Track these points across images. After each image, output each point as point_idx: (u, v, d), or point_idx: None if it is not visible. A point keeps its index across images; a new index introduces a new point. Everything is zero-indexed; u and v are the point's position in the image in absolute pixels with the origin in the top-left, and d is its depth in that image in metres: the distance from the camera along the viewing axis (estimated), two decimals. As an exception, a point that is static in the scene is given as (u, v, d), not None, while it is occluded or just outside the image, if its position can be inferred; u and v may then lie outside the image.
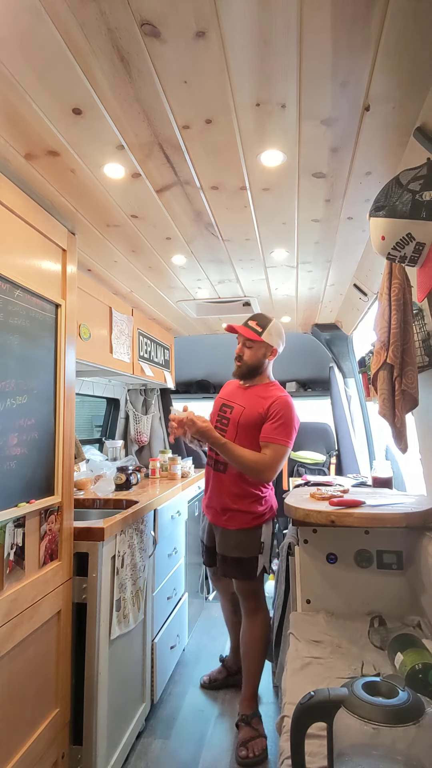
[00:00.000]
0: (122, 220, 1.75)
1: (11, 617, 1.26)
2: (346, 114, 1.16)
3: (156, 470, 3.07)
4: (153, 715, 2.06)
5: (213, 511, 2.07)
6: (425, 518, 1.56)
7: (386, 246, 1.18)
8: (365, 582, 1.69)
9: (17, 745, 1.29)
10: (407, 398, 1.34)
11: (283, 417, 1.91)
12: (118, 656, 1.74)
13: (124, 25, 0.91)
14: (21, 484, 1.34)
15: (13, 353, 1.32)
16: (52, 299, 1.53)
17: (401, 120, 1.18)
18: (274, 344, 2.00)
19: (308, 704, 0.83)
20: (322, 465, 3.78)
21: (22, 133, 1.24)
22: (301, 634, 1.51)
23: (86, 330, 2.14)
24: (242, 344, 2.03)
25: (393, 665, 1.26)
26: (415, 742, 0.75)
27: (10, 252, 1.34)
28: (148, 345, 3.11)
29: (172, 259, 2.14)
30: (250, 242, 1.97)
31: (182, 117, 1.18)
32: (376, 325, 1.44)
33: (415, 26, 0.91)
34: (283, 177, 1.45)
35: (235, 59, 0.99)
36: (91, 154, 1.34)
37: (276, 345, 2.01)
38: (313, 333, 3.62)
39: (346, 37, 0.94)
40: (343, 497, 1.79)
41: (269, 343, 1.99)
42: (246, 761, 1.76)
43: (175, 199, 1.59)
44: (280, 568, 1.98)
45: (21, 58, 0.99)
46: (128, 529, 1.86)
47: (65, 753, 1.51)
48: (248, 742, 1.82)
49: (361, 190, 1.53)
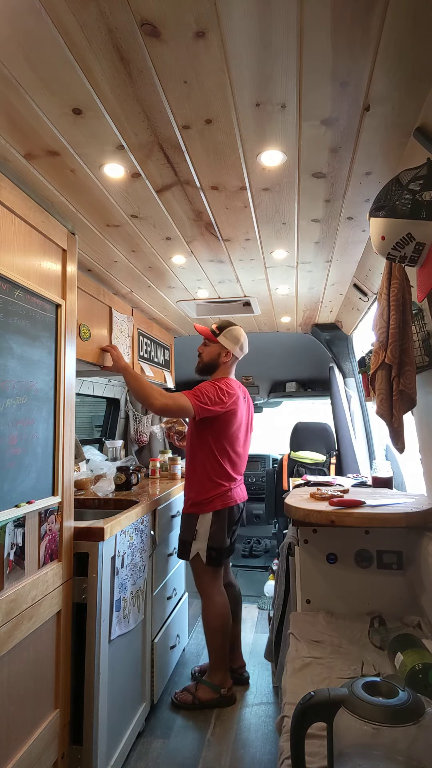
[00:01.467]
0: (122, 220, 1.75)
1: (11, 617, 1.26)
2: (346, 114, 1.16)
3: (156, 470, 3.07)
4: (153, 715, 2.06)
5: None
6: (425, 518, 1.56)
7: (386, 246, 1.18)
8: (365, 582, 1.69)
9: (17, 745, 1.29)
10: (405, 398, 1.34)
11: (199, 386, 2.16)
12: (118, 656, 1.74)
13: (124, 25, 0.91)
14: (21, 484, 1.34)
15: (13, 353, 1.32)
16: (52, 299, 1.53)
17: (401, 120, 1.18)
18: (228, 347, 2.27)
19: (308, 704, 0.83)
20: (322, 465, 3.78)
21: (22, 133, 1.24)
22: (301, 634, 1.51)
23: (86, 330, 2.14)
24: (202, 343, 2.34)
25: (393, 665, 1.26)
26: (415, 742, 0.75)
27: (10, 252, 1.34)
28: (148, 345, 3.11)
29: (172, 259, 2.15)
30: (250, 242, 1.97)
31: (182, 117, 1.18)
32: (375, 325, 1.44)
33: (415, 26, 0.91)
34: (283, 177, 1.45)
35: (235, 59, 0.99)
36: (91, 154, 1.34)
37: (230, 348, 2.28)
38: (313, 333, 3.62)
39: (346, 37, 0.94)
40: (343, 497, 1.79)
41: (223, 345, 2.27)
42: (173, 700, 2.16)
43: (175, 199, 1.59)
44: (280, 568, 1.98)
45: (21, 58, 0.99)
46: (128, 529, 1.86)
47: (65, 753, 1.51)
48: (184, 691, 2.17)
49: (361, 190, 1.53)
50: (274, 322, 3.41)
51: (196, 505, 2.18)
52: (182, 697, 2.15)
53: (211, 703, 2.11)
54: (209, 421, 2.14)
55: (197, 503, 2.18)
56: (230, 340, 2.27)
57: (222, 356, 2.28)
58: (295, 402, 4.53)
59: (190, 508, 2.20)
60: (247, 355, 2.48)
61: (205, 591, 2.20)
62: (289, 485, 3.53)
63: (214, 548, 2.13)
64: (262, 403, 4.46)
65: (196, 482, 2.20)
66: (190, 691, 2.16)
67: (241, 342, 2.30)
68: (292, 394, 4.30)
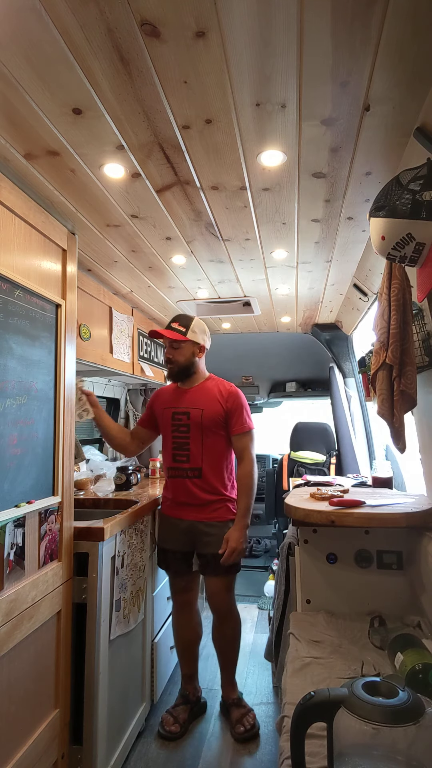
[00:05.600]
0: (122, 220, 1.75)
1: (11, 617, 1.26)
2: (346, 114, 1.16)
3: (156, 470, 3.07)
4: (153, 715, 2.06)
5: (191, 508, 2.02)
6: (425, 518, 1.56)
7: (386, 246, 1.18)
8: (365, 582, 1.69)
9: (17, 745, 1.29)
10: (406, 398, 1.34)
11: (243, 404, 2.05)
12: (118, 656, 1.74)
13: (124, 25, 0.91)
14: (21, 484, 1.34)
15: (13, 353, 1.32)
16: (52, 299, 1.53)
17: (401, 120, 1.18)
18: (200, 341, 2.04)
19: (308, 704, 0.83)
20: (322, 465, 3.78)
21: (22, 133, 1.24)
22: (301, 634, 1.51)
23: (86, 330, 2.14)
24: (170, 346, 2.04)
25: (393, 665, 1.26)
26: (415, 742, 0.75)
27: (10, 252, 1.34)
28: (148, 345, 3.11)
29: (172, 259, 2.15)
30: (250, 242, 1.97)
31: (182, 117, 1.18)
32: (375, 325, 1.44)
33: (415, 26, 0.91)
34: (283, 177, 1.45)
35: (235, 59, 0.99)
36: (91, 154, 1.34)
37: (202, 341, 2.06)
38: (313, 333, 3.62)
39: (346, 37, 0.94)
40: (343, 497, 1.79)
41: (195, 340, 2.02)
42: (245, 735, 1.92)
43: (175, 199, 1.59)
44: (280, 568, 1.98)
45: (21, 58, 0.99)
46: (128, 529, 1.86)
47: (65, 753, 1.51)
48: (242, 719, 1.97)
49: (361, 190, 1.53)
50: (274, 322, 3.41)
51: (232, 513, 2.04)
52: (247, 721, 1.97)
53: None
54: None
55: (231, 510, 2.04)
56: (199, 332, 2.04)
57: (197, 353, 2.06)
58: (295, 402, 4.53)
59: (228, 515, 2.02)
60: (248, 355, 2.47)
61: (233, 603, 2.08)
62: (289, 485, 3.53)
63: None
64: (262, 403, 4.46)
65: (230, 488, 2.06)
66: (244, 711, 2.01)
67: (208, 331, 2.12)
68: (292, 394, 4.29)
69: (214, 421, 2.00)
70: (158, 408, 2.14)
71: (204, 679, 2.28)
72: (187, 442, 2.01)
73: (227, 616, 2.05)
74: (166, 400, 2.12)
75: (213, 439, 2.01)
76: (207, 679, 2.32)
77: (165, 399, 2.14)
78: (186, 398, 2.07)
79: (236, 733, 1.93)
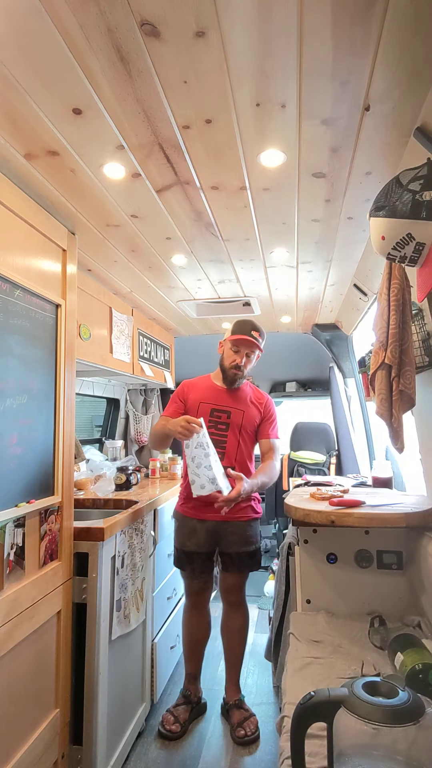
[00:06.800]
0: (122, 220, 1.75)
1: (11, 617, 1.26)
2: (346, 114, 1.16)
3: (156, 470, 3.07)
4: (153, 715, 2.06)
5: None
6: (425, 518, 1.56)
7: (386, 246, 1.18)
8: (365, 582, 1.69)
9: (17, 745, 1.29)
10: (405, 398, 1.34)
11: (275, 415, 2.18)
12: (118, 656, 1.74)
13: (124, 25, 0.91)
14: (21, 484, 1.34)
15: (13, 353, 1.32)
16: (52, 299, 1.53)
17: (401, 120, 1.17)
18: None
19: (308, 704, 0.83)
20: (322, 465, 3.78)
21: (22, 133, 1.24)
22: (301, 634, 1.51)
23: (86, 330, 2.14)
24: (245, 356, 2.05)
25: (393, 665, 1.26)
26: (415, 742, 0.75)
27: (10, 252, 1.34)
28: (148, 345, 3.11)
29: (172, 259, 2.14)
30: (250, 242, 1.97)
31: (182, 117, 1.18)
32: (375, 325, 1.44)
33: (415, 26, 0.91)
34: (283, 177, 1.45)
35: (235, 59, 0.99)
36: (91, 154, 1.34)
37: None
38: (313, 333, 3.61)
39: (346, 37, 0.94)
40: (343, 497, 1.79)
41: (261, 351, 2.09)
42: (245, 739, 1.91)
43: (175, 199, 1.59)
44: (280, 568, 1.98)
45: (21, 58, 0.99)
46: (128, 529, 1.86)
47: (65, 753, 1.51)
48: (243, 722, 1.96)
49: (361, 190, 1.53)
50: (274, 322, 3.41)
51: (255, 512, 2.10)
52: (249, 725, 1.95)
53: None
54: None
55: (255, 509, 2.10)
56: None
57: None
58: (295, 402, 4.53)
59: (252, 513, 2.07)
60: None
61: (245, 596, 2.12)
62: (289, 485, 3.53)
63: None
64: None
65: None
66: (246, 714, 1.99)
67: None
68: (292, 394, 4.30)
69: (252, 424, 2.09)
70: (192, 401, 2.10)
71: (204, 680, 2.28)
72: (224, 440, 2.03)
73: (239, 608, 2.11)
74: (203, 396, 2.10)
75: (247, 440, 2.09)
76: (207, 680, 2.32)
77: (201, 394, 2.11)
78: (227, 397, 2.10)
79: (236, 736, 1.93)
